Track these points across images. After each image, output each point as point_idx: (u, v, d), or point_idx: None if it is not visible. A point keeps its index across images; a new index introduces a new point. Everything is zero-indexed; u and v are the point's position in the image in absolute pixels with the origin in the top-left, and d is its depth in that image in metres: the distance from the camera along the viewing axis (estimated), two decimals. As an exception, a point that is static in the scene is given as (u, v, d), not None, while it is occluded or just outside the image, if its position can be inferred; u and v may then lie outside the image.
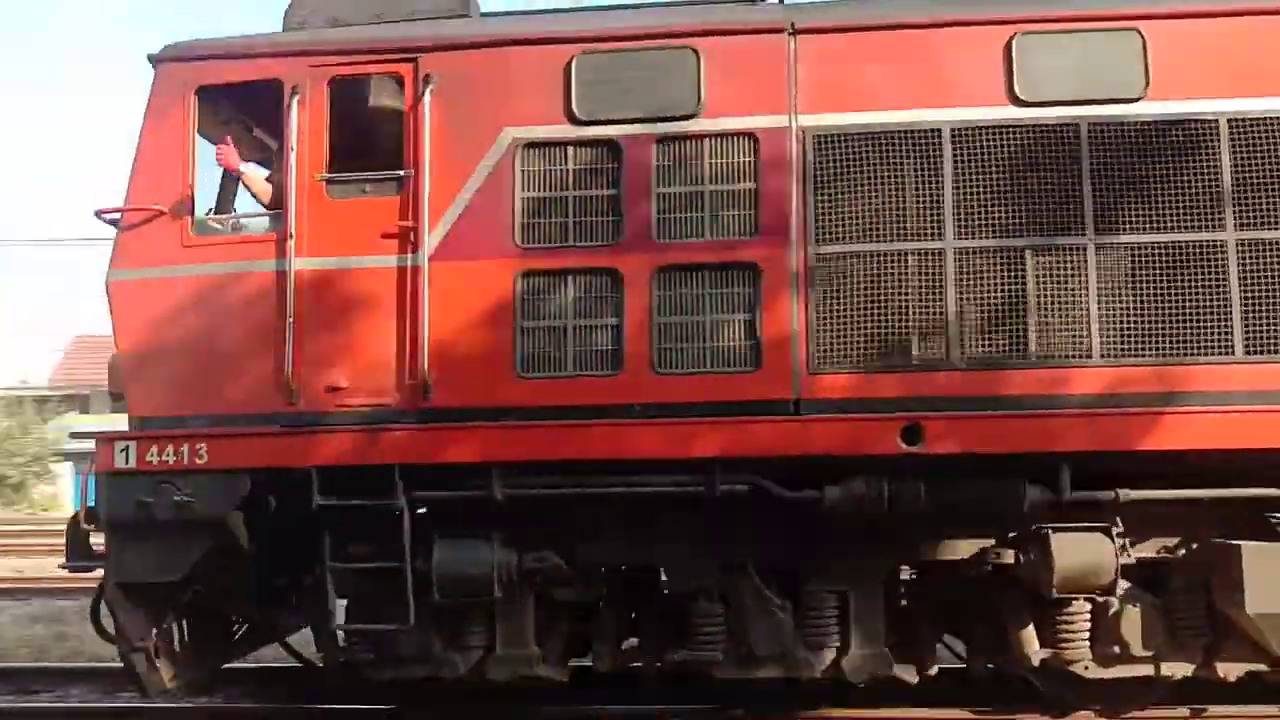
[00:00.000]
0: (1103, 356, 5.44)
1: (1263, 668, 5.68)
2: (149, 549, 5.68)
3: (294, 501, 5.64)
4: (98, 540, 6.08)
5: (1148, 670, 5.73)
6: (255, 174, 6.41)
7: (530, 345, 5.65)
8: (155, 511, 5.58)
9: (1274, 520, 5.55)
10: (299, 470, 5.57)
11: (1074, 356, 5.45)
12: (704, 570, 5.84)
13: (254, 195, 6.30)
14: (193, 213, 6.04)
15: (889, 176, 5.62)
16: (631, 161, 5.70)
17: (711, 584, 5.85)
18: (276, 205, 6.05)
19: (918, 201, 5.62)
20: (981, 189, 5.57)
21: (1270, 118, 5.47)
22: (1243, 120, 5.48)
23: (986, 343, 5.53)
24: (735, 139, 5.68)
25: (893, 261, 5.59)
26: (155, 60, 6.16)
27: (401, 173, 5.88)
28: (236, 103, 6.38)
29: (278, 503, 5.76)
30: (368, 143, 6.19)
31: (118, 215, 6.06)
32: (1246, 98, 5.52)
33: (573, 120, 5.77)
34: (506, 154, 5.76)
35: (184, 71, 6.12)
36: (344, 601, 6.00)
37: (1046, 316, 5.50)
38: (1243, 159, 5.46)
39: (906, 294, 5.56)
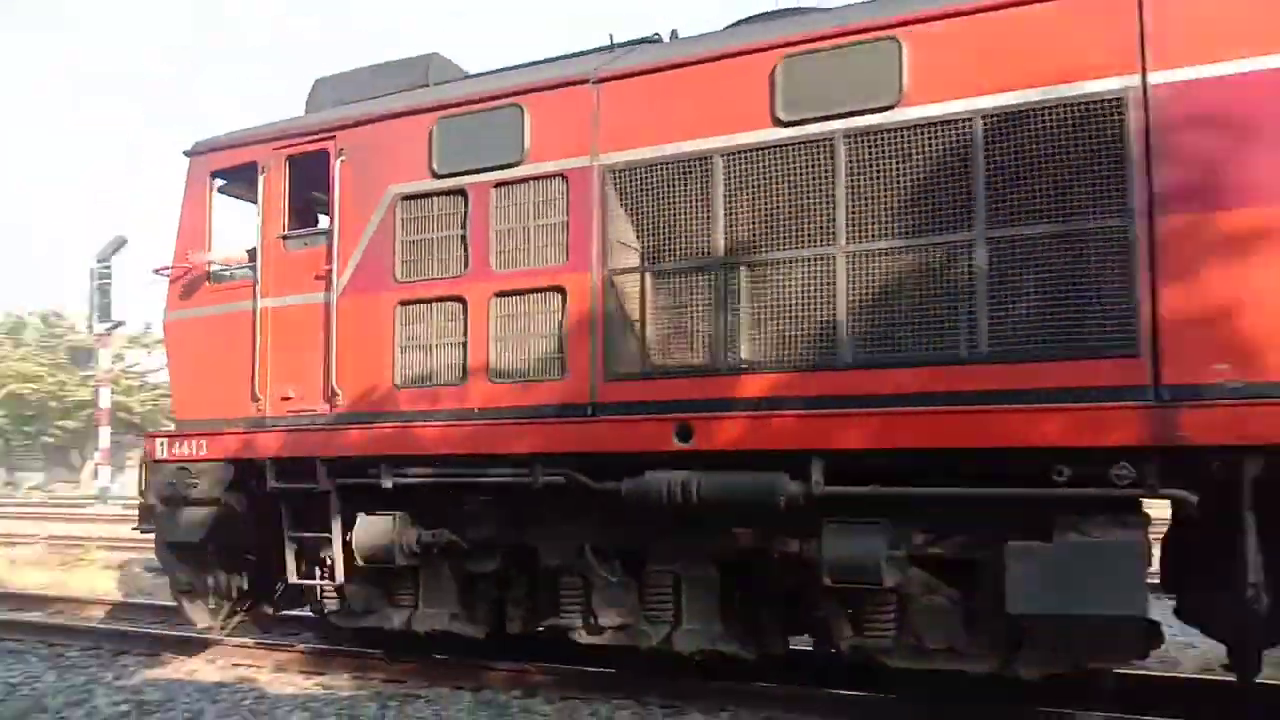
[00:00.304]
0: (853, 360, 5.75)
1: (1058, 670, 5.65)
2: (178, 517, 7.82)
3: (262, 485, 7.48)
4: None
5: (952, 665, 5.91)
6: (222, 254, 8.22)
7: (405, 362, 7.05)
8: (178, 490, 7.71)
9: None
10: (260, 460, 7.41)
11: (828, 360, 5.82)
12: (562, 551, 6.87)
13: (234, 262, 8.16)
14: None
15: (670, 202, 6.29)
16: (475, 205, 6.87)
17: (572, 562, 6.86)
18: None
19: (694, 223, 6.23)
20: (749, 208, 6.08)
21: (1023, 109, 5.44)
22: (996, 115, 5.50)
23: (754, 349, 6.05)
24: (552, 180, 6.64)
25: (671, 279, 6.27)
26: (187, 153, 8.29)
27: (326, 227, 7.50)
28: (243, 180, 8.29)
29: (255, 486, 7.63)
30: (311, 206, 7.88)
31: (167, 270, 8.25)
32: (1001, 93, 5.51)
33: (434, 175, 7.04)
34: (389, 206, 7.19)
35: (202, 161, 8.19)
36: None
37: (804, 325, 5.90)
38: (997, 154, 5.49)
39: (684, 308, 6.22)
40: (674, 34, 7.29)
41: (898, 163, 5.74)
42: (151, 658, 8.47)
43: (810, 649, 6.98)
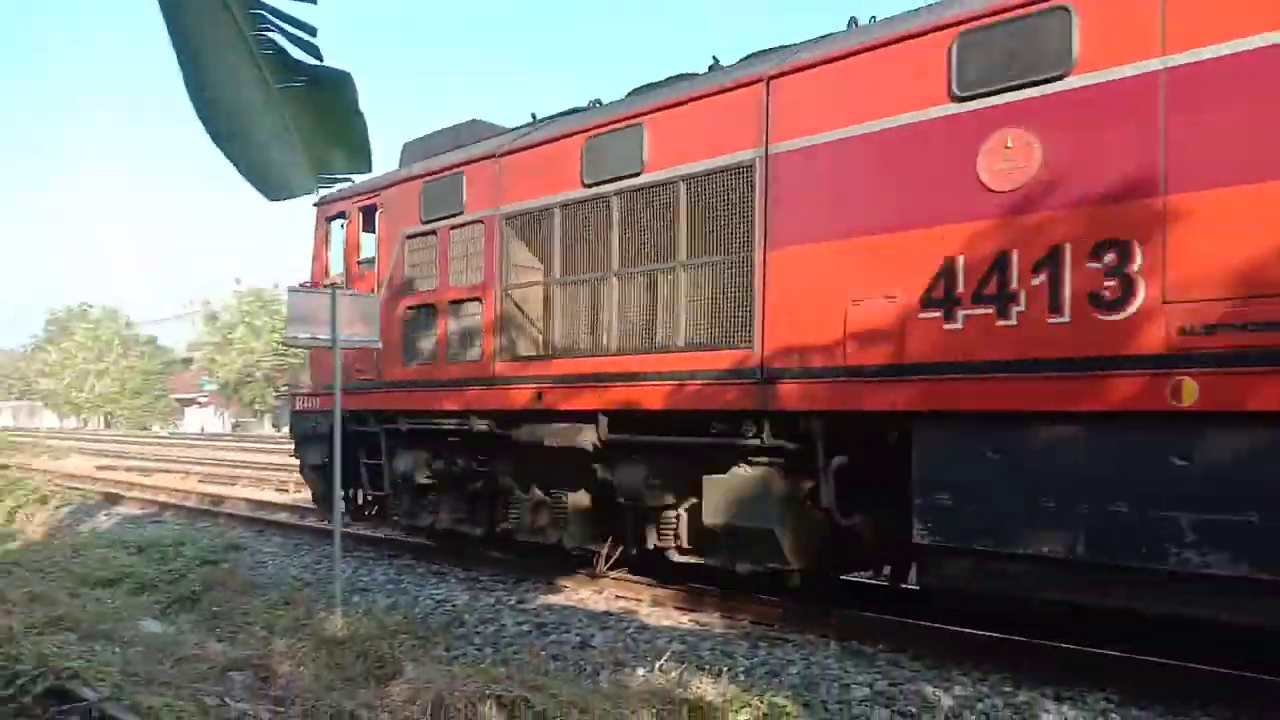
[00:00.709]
0: (618, 349, 8.45)
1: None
2: (310, 448, 12.05)
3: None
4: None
5: (697, 559, 8.46)
6: (334, 273, 12.23)
7: (409, 346, 10.60)
8: (310, 431, 11.92)
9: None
10: (349, 412, 11.36)
11: (607, 349, 8.55)
12: (500, 477, 10.06)
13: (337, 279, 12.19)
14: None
15: (534, 240, 9.26)
16: (440, 241, 10.25)
17: (508, 485, 10.03)
18: (351, 278, 11.88)
19: (544, 255, 9.17)
20: (573, 242, 8.92)
21: (705, 173, 7.80)
22: (693, 178, 7.90)
23: (569, 342, 8.94)
24: (475, 224, 9.83)
25: (527, 295, 9.28)
26: (314, 205, 12.41)
27: (373, 256, 11.28)
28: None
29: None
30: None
31: (307, 283, 12.45)
32: (698, 161, 7.88)
33: (422, 221, 10.50)
34: (401, 243, 10.75)
35: (322, 210, 12.29)
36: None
37: (600, 326, 8.68)
38: (694, 206, 7.91)
39: (532, 313, 9.23)
40: (533, 116, 10.45)
41: (643, 212, 8.28)
42: (548, 587, 9.44)
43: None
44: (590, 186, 8.69)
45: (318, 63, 2.00)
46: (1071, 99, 5.83)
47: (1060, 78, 5.88)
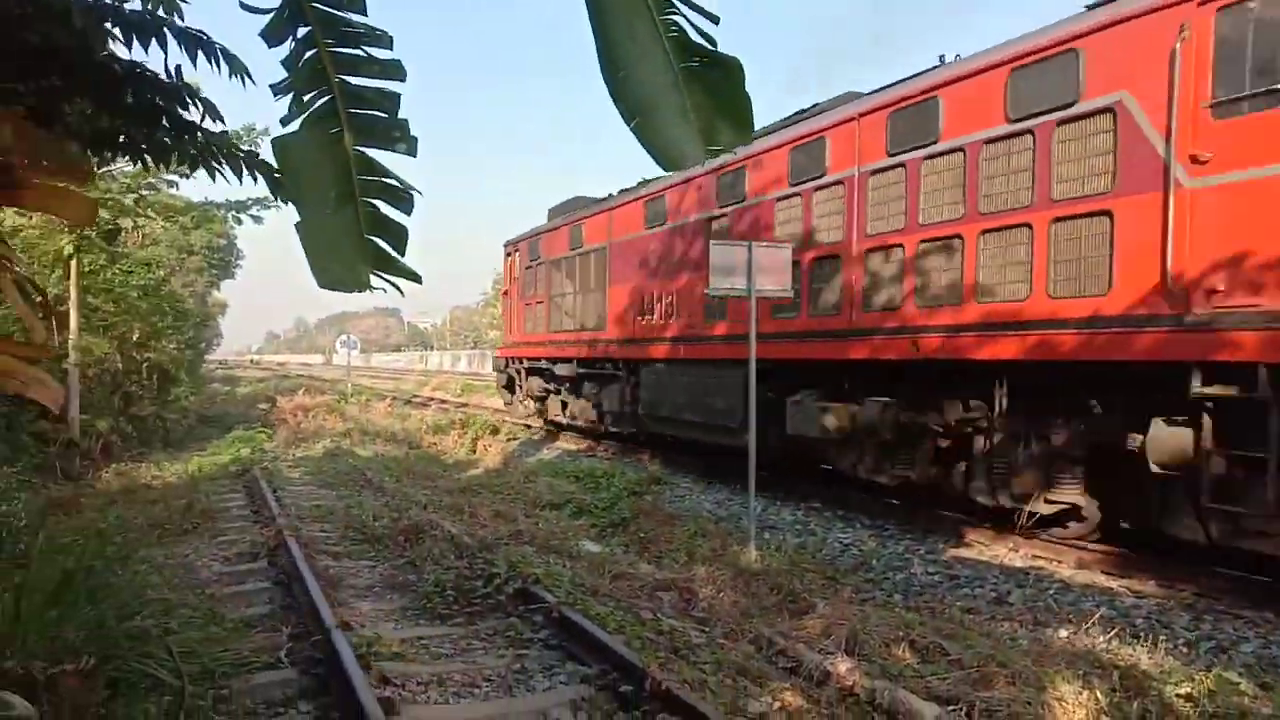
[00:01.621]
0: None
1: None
2: (504, 380, 19.53)
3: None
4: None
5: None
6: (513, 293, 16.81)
7: (528, 323, 13.78)
8: (504, 370, 18.58)
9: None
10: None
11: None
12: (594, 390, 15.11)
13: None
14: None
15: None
16: (542, 270, 17.91)
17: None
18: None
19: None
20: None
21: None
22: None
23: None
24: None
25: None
26: (504, 245, 20.98)
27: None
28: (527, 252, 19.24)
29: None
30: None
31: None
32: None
33: (533, 260, 18.62)
34: (523, 269, 15.77)
35: (509, 248, 20.50)
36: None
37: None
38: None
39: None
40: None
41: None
42: (958, 540, 9.09)
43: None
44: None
45: (712, 46, 2.18)
46: None
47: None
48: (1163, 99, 6.97)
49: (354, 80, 2.65)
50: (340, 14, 2.56)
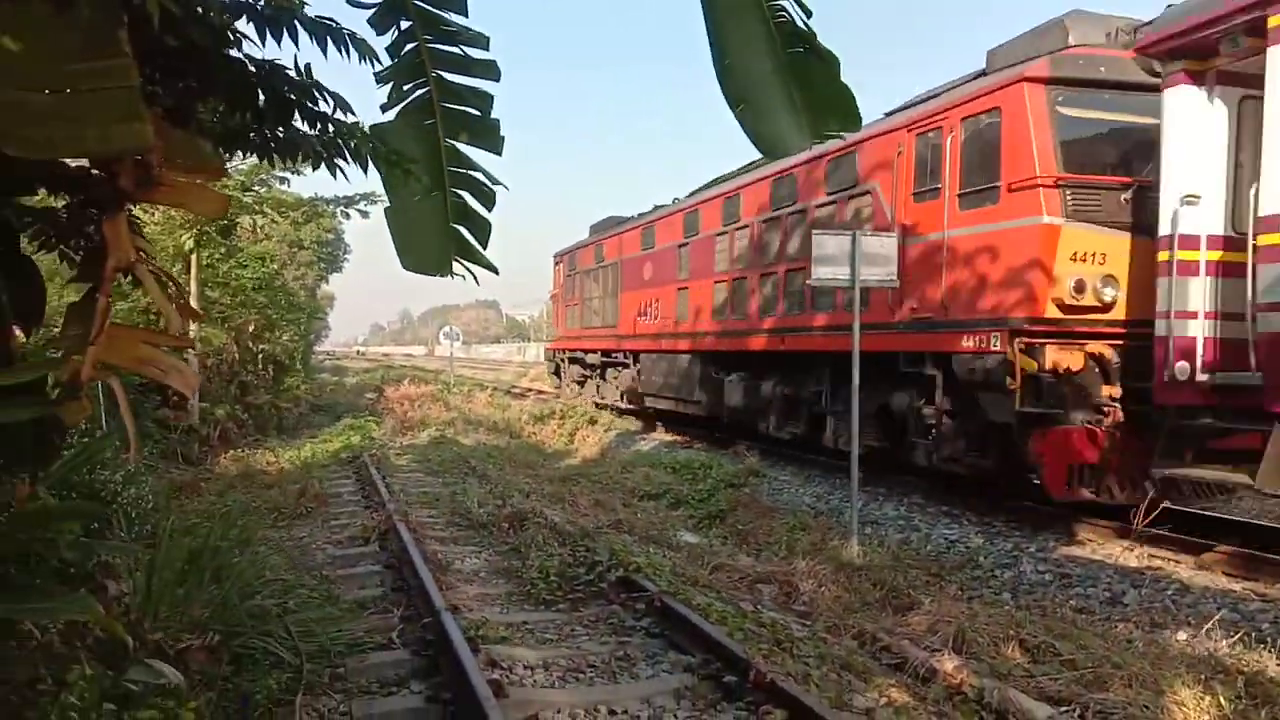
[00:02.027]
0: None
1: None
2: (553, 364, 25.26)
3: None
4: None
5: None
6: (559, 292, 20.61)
7: (569, 320, 15.70)
8: (554, 361, 24.21)
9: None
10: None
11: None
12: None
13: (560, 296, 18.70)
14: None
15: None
16: (578, 279, 22.93)
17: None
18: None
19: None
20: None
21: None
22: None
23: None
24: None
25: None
26: (553, 255, 25.75)
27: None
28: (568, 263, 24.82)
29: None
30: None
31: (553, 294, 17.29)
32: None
33: (571, 269, 23.88)
34: (567, 276, 22.53)
35: (556, 258, 25.59)
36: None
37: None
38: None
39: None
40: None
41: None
42: (1069, 538, 8.76)
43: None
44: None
45: (815, 35, 2.17)
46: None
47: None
48: (890, 189, 10.81)
49: (449, 76, 2.72)
50: (439, 12, 2.62)
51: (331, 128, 2.68)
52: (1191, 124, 7.70)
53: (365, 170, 2.73)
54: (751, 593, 7.16)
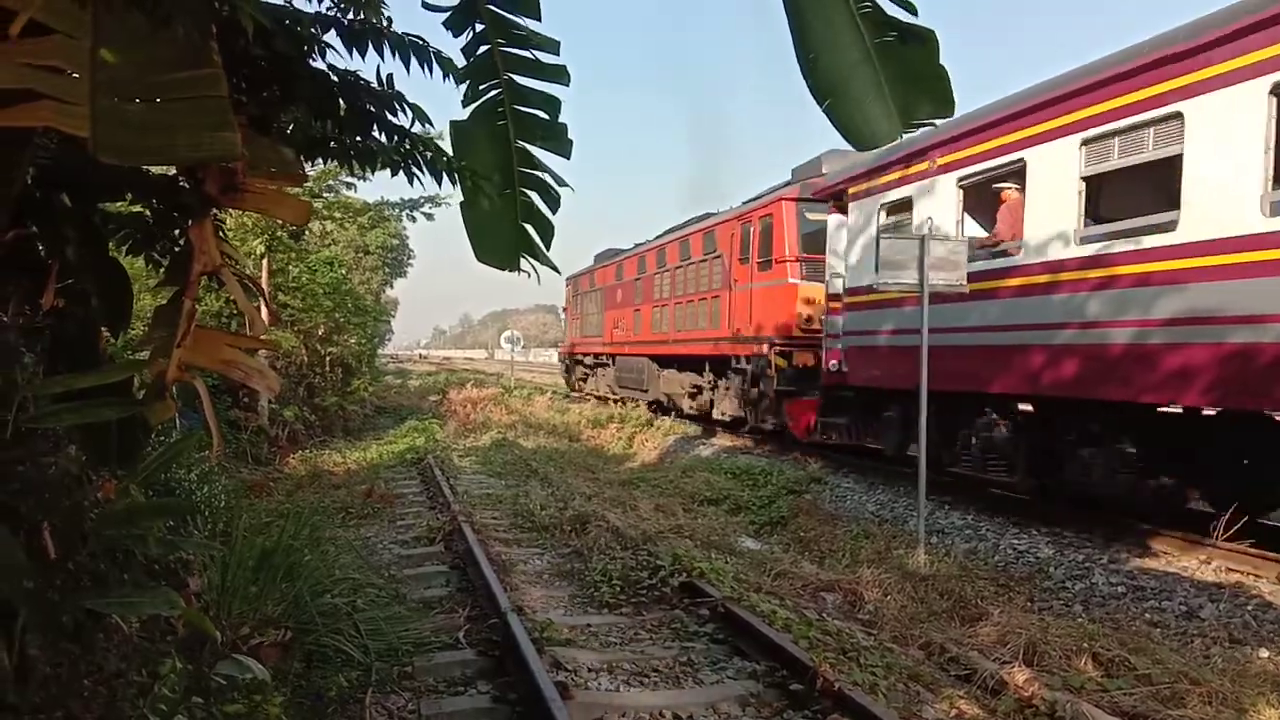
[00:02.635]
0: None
1: None
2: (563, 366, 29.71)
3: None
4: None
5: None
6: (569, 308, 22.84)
7: (572, 330, 15.22)
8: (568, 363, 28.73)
9: None
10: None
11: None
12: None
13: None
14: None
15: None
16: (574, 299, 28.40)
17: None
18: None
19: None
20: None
21: None
22: None
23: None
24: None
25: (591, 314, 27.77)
26: (565, 278, 30.63)
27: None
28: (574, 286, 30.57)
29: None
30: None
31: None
32: None
33: (577, 291, 29.72)
34: (575, 293, 25.60)
35: (567, 281, 31.24)
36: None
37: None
38: None
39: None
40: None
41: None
42: (1143, 550, 8.49)
43: None
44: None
45: (911, 16, 2.13)
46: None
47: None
48: (728, 256, 17.63)
49: (520, 79, 2.75)
50: (510, 16, 2.65)
51: (408, 142, 2.72)
52: (834, 232, 13.52)
53: (440, 182, 2.78)
54: (815, 601, 7.09)
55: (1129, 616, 6.84)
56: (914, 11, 2.17)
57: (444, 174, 2.77)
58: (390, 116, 2.68)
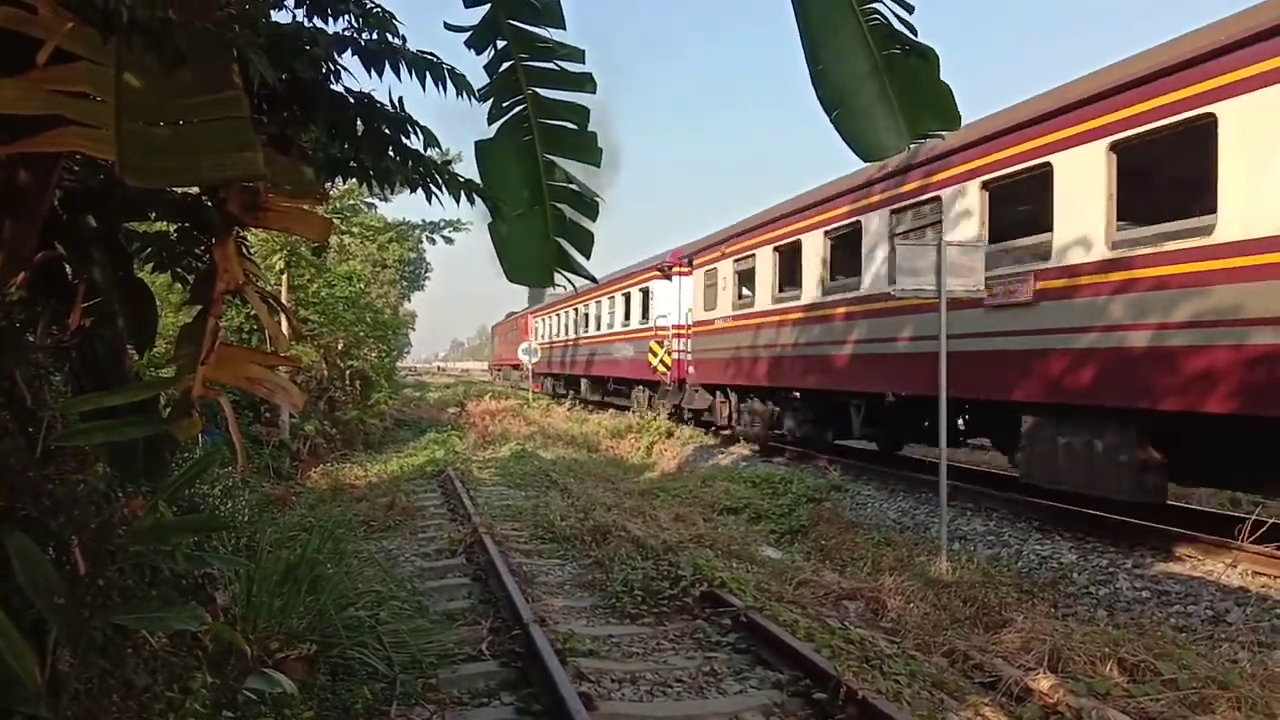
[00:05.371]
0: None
1: None
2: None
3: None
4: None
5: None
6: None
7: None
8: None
9: None
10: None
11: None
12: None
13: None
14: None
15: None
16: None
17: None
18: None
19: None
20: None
21: None
22: None
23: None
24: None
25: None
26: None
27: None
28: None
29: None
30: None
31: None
32: None
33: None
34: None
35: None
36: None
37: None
38: None
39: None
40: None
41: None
42: (1167, 554, 8.45)
43: None
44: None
45: (912, 35, 2.14)
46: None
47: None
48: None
49: (545, 92, 2.76)
50: (533, 29, 2.67)
51: (422, 166, 2.75)
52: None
53: (458, 201, 2.80)
54: (837, 609, 7.07)
55: (1154, 621, 6.77)
56: (914, 32, 2.18)
57: (462, 193, 2.79)
58: (404, 137, 2.71)
